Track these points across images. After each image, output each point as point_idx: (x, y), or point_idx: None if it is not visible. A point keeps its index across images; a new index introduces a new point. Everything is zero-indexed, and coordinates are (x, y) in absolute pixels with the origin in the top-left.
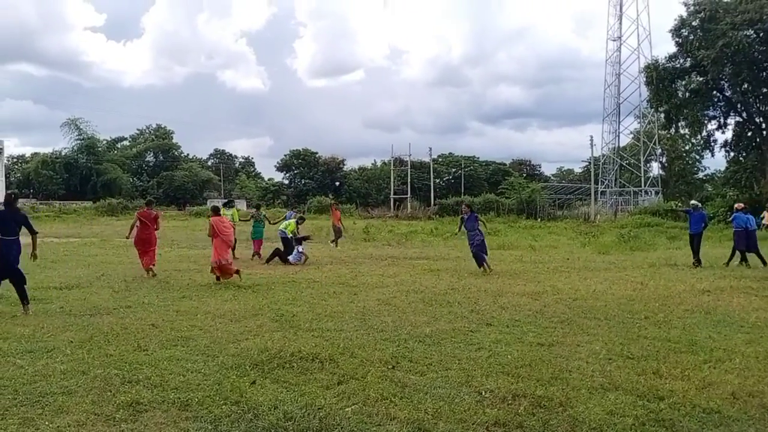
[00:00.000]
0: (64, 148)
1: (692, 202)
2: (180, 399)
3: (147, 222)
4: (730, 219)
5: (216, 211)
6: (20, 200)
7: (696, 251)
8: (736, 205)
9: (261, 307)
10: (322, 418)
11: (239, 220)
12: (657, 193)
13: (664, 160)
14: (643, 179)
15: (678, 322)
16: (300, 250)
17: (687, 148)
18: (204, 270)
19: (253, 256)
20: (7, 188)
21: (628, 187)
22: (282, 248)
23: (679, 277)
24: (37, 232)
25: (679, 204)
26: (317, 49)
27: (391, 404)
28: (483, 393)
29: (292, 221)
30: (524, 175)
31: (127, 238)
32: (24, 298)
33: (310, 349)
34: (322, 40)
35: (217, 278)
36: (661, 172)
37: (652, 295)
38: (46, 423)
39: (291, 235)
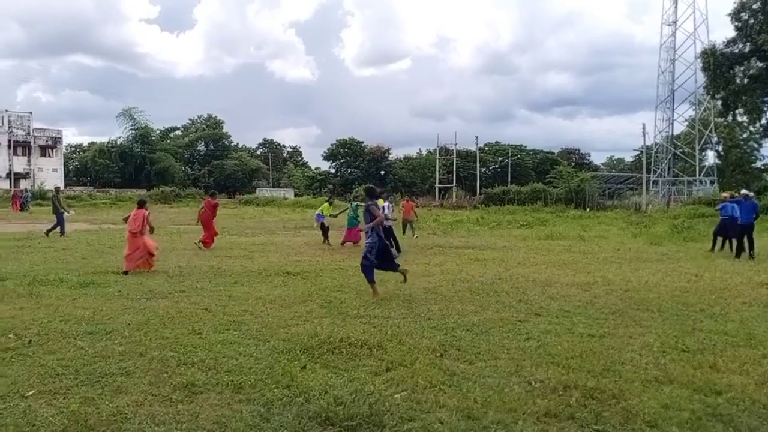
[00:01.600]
0: (119, 138)
1: (743, 191)
2: (233, 382)
3: (207, 209)
4: (718, 208)
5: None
6: (78, 188)
7: (751, 243)
8: (723, 195)
9: (310, 293)
10: (371, 404)
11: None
12: (712, 182)
13: (720, 148)
14: (697, 168)
15: (735, 315)
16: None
17: (745, 136)
18: (254, 257)
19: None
20: (65, 176)
21: (682, 176)
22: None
23: (735, 269)
24: None
25: (734, 193)
26: (365, 38)
27: (440, 392)
28: (533, 383)
29: (326, 204)
30: (573, 164)
31: (197, 223)
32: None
33: (358, 335)
34: (369, 29)
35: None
36: (716, 161)
37: (708, 288)
38: (106, 402)
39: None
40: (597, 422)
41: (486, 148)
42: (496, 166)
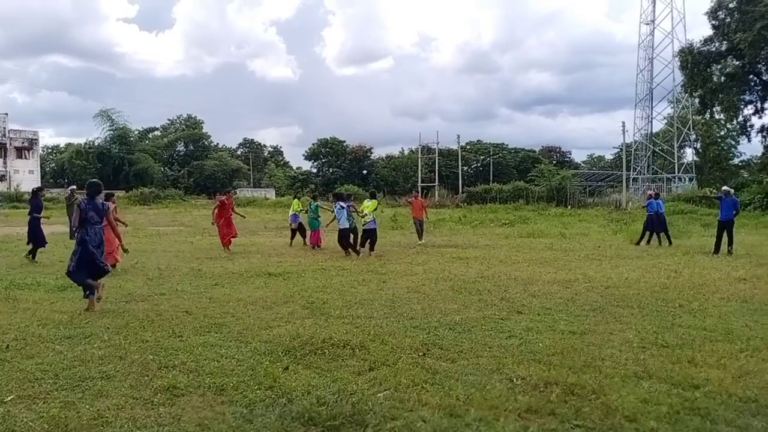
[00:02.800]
0: (97, 138)
1: (724, 188)
2: (215, 384)
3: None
4: (645, 205)
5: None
6: (55, 190)
7: (730, 239)
8: (649, 192)
9: (292, 294)
10: (354, 404)
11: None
12: (691, 179)
13: (698, 145)
14: (676, 165)
15: (713, 311)
16: None
17: (722, 133)
18: (235, 258)
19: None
20: (42, 178)
21: (661, 173)
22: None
23: (714, 264)
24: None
25: (713, 190)
26: (346, 37)
27: (423, 390)
28: (515, 380)
29: (295, 200)
30: (554, 162)
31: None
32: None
33: (341, 335)
34: (350, 27)
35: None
36: (695, 158)
37: (687, 283)
38: (87, 406)
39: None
40: (577, 417)
41: (468, 147)
42: (478, 164)
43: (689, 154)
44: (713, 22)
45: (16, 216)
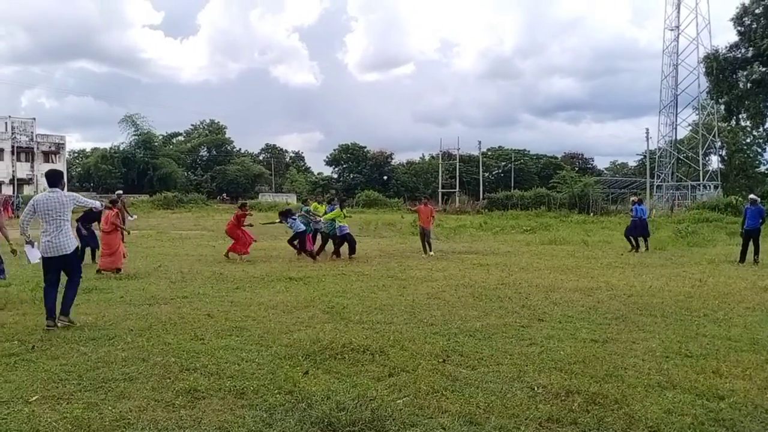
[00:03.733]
0: (122, 143)
1: (750, 196)
2: (236, 387)
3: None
4: (630, 210)
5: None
6: (81, 193)
7: (756, 248)
8: (632, 198)
9: (312, 299)
10: (374, 410)
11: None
12: (716, 187)
13: (723, 153)
14: (701, 173)
15: (739, 320)
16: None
17: (748, 140)
18: (256, 262)
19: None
20: (68, 182)
21: (686, 181)
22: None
23: (739, 274)
24: None
25: (740, 198)
26: (368, 43)
27: (443, 397)
28: (535, 388)
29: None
30: (576, 168)
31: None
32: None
33: (360, 341)
34: (373, 33)
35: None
36: (720, 165)
37: (712, 293)
38: (109, 408)
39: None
40: (599, 427)
41: (489, 153)
42: (500, 171)
43: (714, 162)
44: (739, 28)
45: None
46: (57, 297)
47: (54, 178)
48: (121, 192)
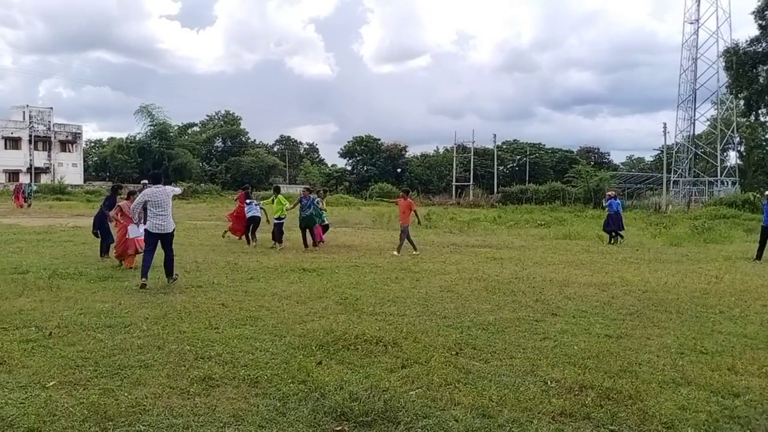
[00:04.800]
0: (138, 133)
1: (767, 192)
2: (250, 376)
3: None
4: (606, 204)
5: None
6: (96, 183)
7: (761, 246)
8: (608, 193)
9: (326, 290)
10: (386, 401)
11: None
12: (734, 183)
13: (742, 149)
14: (719, 169)
15: (755, 318)
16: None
17: (767, 136)
18: (270, 253)
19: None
20: (84, 172)
21: (703, 176)
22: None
23: (756, 271)
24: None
25: (757, 195)
26: (384, 34)
27: (455, 390)
28: (549, 383)
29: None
30: (592, 163)
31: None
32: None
33: (373, 332)
34: (389, 25)
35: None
36: (738, 161)
37: (728, 289)
38: (125, 394)
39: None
40: (613, 422)
41: (504, 147)
42: (514, 164)
43: (732, 158)
44: (760, 21)
45: (60, 207)
46: (150, 263)
47: (156, 178)
48: (146, 181)
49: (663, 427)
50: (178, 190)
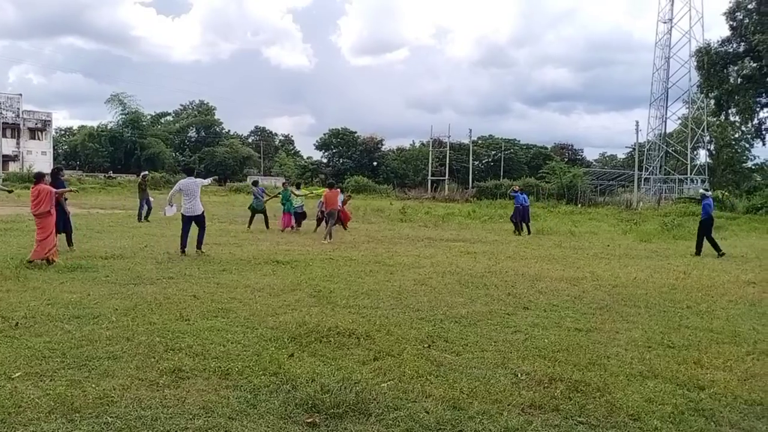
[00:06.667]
0: (110, 122)
1: (700, 190)
2: (220, 368)
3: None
4: (512, 195)
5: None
6: (67, 172)
7: (699, 241)
8: (514, 186)
9: (299, 282)
10: (358, 392)
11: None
12: (703, 181)
13: (712, 147)
14: (689, 167)
15: (721, 313)
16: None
17: (737, 135)
18: (243, 245)
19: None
20: (54, 160)
21: (674, 174)
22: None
23: (723, 267)
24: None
25: (726, 193)
26: (362, 26)
27: (427, 382)
28: (519, 375)
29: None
30: (566, 159)
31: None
32: (69, 242)
33: (346, 324)
34: (367, 17)
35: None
36: (708, 160)
37: (695, 285)
38: (93, 386)
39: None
40: (581, 414)
41: (480, 142)
42: (489, 159)
43: (702, 156)
44: (731, 22)
45: (28, 196)
46: (187, 238)
47: (189, 171)
48: (146, 173)
49: (630, 419)
50: (206, 181)
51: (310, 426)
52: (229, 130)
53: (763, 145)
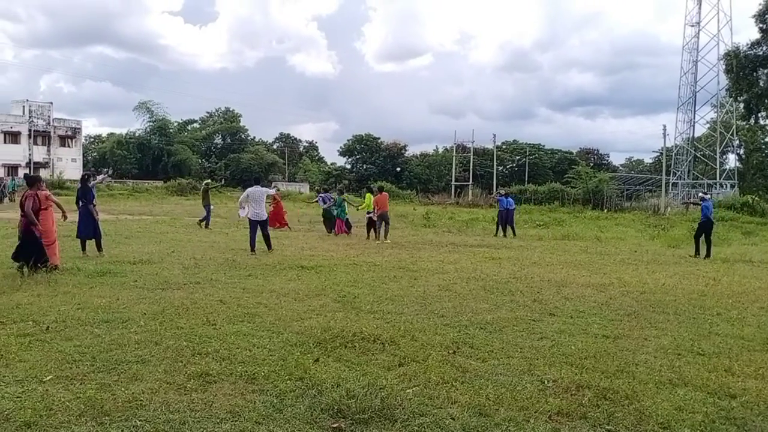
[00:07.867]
0: (138, 129)
1: (699, 193)
2: (247, 372)
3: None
4: (497, 201)
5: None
6: (99, 177)
7: (697, 243)
8: (499, 191)
9: (323, 287)
10: (383, 398)
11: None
12: (733, 186)
13: (741, 152)
14: (718, 171)
15: (753, 320)
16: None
17: (767, 139)
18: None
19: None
20: (83, 167)
21: (702, 179)
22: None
23: (754, 273)
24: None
25: (756, 198)
26: (387, 33)
27: (452, 388)
28: (546, 382)
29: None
30: (591, 164)
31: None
32: (99, 248)
33: (371, 330)
34: (391, 24)
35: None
36: (737, 164)
37: (725, 292)
38: (122, 389)
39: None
40: (609, 422)
41: (504, 147)
42: (514, 164)
43: (732, 160)
44: (761, 25)
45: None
46: (255, 240)
47: (256, 180)
48: (209, 181)
49: (659, 428)
50: (271, 191)
51: (336, 431)
52: (254, 137)
53: None
